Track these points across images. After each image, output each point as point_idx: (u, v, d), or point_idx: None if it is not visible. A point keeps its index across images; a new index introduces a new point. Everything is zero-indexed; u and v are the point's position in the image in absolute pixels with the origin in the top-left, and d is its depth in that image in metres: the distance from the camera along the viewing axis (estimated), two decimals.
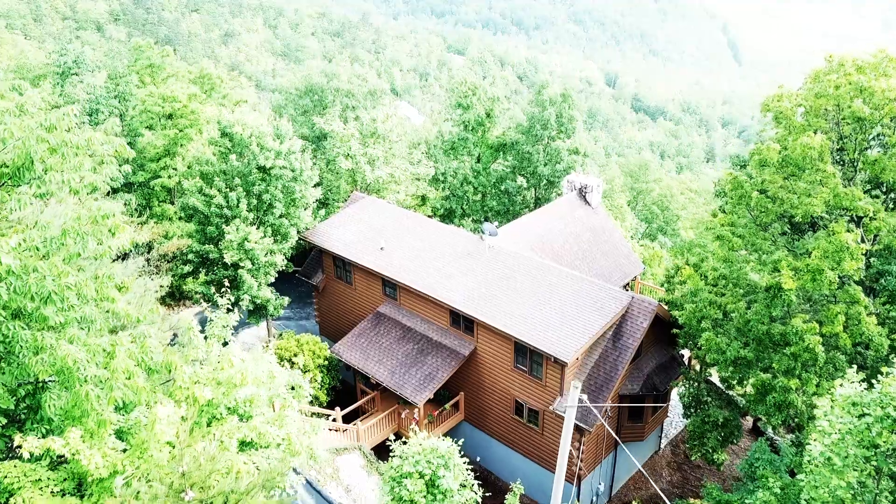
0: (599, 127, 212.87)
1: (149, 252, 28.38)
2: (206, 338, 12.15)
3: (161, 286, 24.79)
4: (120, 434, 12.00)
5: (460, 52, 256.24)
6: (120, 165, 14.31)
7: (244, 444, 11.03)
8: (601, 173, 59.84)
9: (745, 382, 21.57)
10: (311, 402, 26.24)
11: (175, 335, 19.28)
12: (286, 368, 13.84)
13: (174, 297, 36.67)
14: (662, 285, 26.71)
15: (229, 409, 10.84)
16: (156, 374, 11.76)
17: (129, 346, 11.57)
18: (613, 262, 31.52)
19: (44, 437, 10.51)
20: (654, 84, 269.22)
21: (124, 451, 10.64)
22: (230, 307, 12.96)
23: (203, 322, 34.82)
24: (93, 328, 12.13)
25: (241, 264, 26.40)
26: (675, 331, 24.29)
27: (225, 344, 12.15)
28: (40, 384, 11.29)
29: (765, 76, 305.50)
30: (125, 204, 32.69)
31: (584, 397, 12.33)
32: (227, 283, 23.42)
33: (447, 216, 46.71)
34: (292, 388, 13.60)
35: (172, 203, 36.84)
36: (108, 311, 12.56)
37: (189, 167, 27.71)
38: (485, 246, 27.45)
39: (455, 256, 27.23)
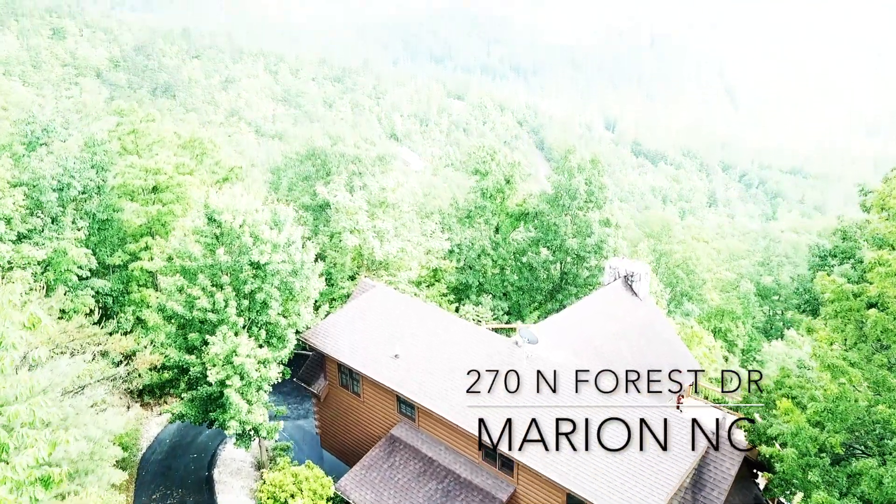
0: None
1: (119, 365, 23.64)
2: None
3: (129, 421, 20.04)
4: None
5: (460, 98, 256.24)
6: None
7: None
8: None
9: None
10: None
11: None
12: None
13: (154, 394, 31.79)
14: (737, 409, 22.06)
15: None
16: None
17: None
18: (667, 365, 26.86)
19: None
20: (653, 128, 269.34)
21: None
22: None
23: (185, 432, 29.84)
24: None
25: (229, 382, 21.68)
26: (765, 475, 19.50)
27: None
28: None
29: (763, 118, 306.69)
30: (94, 294, 28.08)
31: None
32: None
33: (462, 290, 42.17)
34: None
35: (156, 288, 32.21)
36: None
37: (169, 259, 23.19)
38: (522, 355, 22.82)
39: (486, 370, 22.54)
